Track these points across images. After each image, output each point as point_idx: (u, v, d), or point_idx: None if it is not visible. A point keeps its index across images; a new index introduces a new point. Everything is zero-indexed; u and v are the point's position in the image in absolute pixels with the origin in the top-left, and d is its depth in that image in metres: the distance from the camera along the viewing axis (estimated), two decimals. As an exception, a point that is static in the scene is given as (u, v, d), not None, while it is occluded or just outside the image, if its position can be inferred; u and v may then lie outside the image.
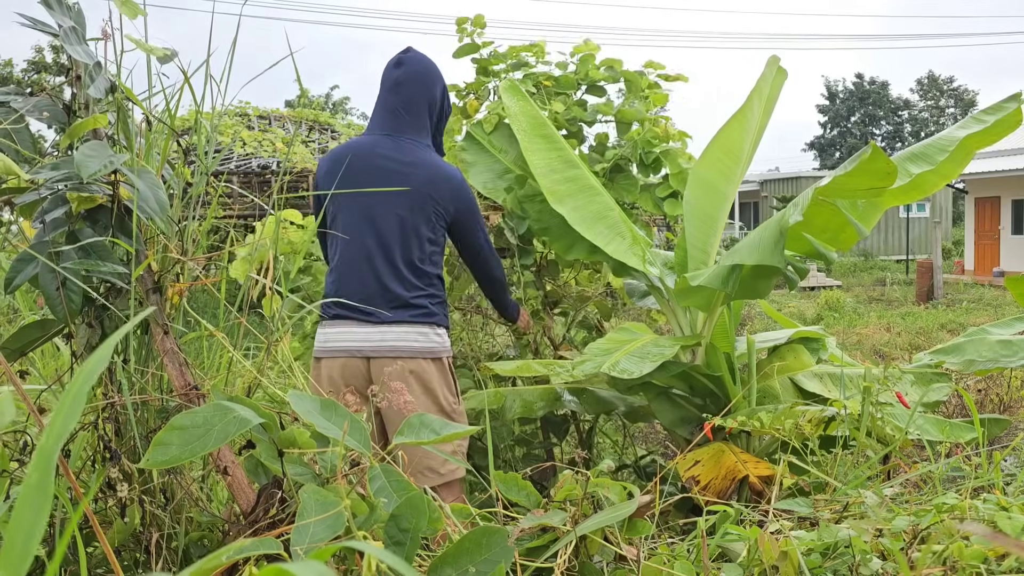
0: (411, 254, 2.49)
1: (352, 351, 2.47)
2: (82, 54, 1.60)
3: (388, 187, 2.46)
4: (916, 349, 8.41)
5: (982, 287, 17.28)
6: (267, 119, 12.96)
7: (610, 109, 3.52)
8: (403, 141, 2.56)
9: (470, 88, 3.62)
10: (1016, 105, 2.67)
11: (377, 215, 2.49)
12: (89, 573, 1.58)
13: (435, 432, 1.25)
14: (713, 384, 2.81)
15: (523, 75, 3.56)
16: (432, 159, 2.58)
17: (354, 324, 2.47)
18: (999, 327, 2.97)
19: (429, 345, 2.49)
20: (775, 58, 2.93)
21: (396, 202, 2.48)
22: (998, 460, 1.93)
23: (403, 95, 2.58)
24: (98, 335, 1.62)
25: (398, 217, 2.49)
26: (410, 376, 2.43)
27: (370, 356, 2.45)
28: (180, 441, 1.13)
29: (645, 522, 1.40)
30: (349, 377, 2.46)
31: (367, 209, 2.50)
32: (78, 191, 1.52)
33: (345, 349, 2.47)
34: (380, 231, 2.48)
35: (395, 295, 2.46)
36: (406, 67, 2.60)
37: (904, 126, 51.58)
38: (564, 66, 3.65)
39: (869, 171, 2.25)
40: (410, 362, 2.45)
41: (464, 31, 3.54)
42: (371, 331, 2.45)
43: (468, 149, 3.35)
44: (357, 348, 2.46)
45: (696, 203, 2.94)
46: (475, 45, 3.57)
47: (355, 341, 2.46)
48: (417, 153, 2.55)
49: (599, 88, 3.63)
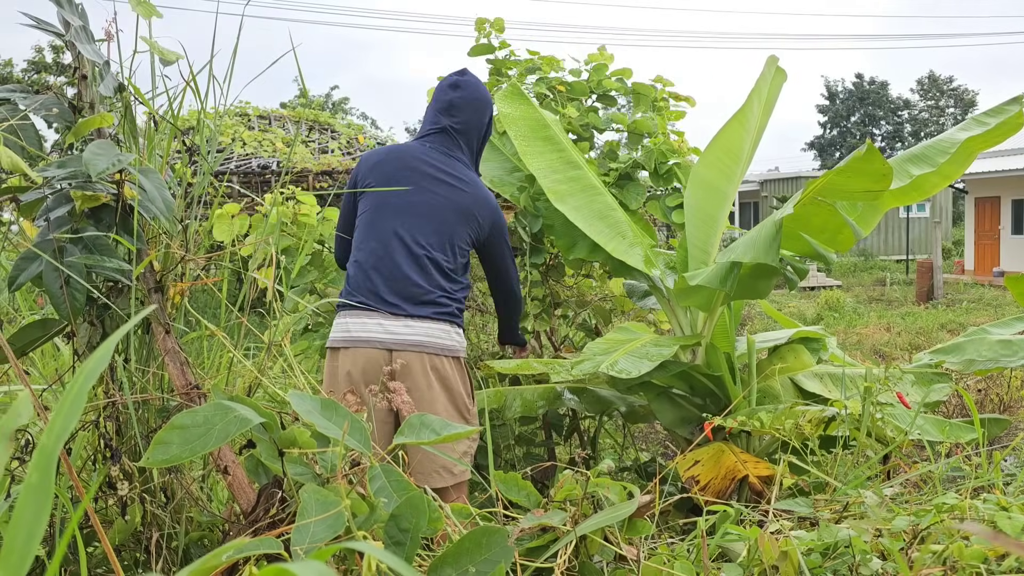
0: (442, 260, 2.51)
1: (374, 342, 2.43)
2: (92, 53, 1.60)
3: (436, 193, 2.52)
4: (916, 349, 8.41)
5: (982, 287, 17.28)
6: (267, 119, 12.95)
7: (625, 120, 3.61)
8: (452, 158, 2.62)
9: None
10: (1018, 108, 2.68)
11: (418, 215, 2.50)
12: (89, 572, 1.58)
13: (435, 432, 1.25)
14: (713, 384, 2.81)
15: (537, 78, 3.66)
16: (477, 181, 2.66)
17: (378, 315, 2.44)
18: (999, 327, 2.98)
19: (451, 343, 2.49)
20: (774, 58, 2.93)
21: (441, 209, 2.52)
22: (998, 460, 1.93)
23: (457, 119, 2.64)
24: (100, 334, 1.62)
25: (440, 223, 2.52)
26: (432, 372, 2.43)
27: (392, 348, 2.43)
28: (181, 440, 1.13)
29: (645, 522, 1.40)
30: (369, 370, 2.42)
31: (410, 207, 2.51)
32: (82, 189, 1.52)
33: (367, 340, 2.43)
34: (418, 230, 2.49)
35: (423, 290, 2.46)
36: (463, 92, 2.65)
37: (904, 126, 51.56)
38: (578, 73, 3.74)
39: (864, 171, 2.25)
40: (433, 358, 2.44)
41: (483, 30, 3.65)
42: (395, 323, 2.43)
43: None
44: (379, 340, 2.43)
45: (696, 203, 2.94)
46: (491, 46, 3.69)
47: (378, 333, 2.43)
48: (465, 172, 2.62)
49: (610, 98, 3.73)
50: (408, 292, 2.45)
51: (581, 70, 3.74)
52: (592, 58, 3.73)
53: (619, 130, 3.70)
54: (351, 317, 2.48)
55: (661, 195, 3.53)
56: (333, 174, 9.03)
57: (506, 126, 3.11)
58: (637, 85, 3.70)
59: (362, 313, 2.46)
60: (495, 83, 3.67)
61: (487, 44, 3.68)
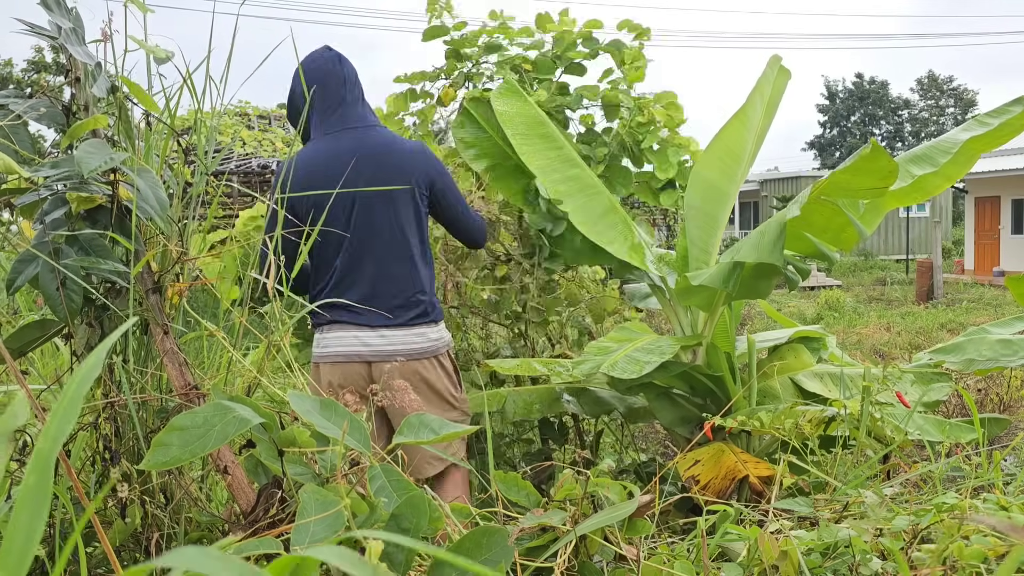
0: (405, 250, 2.47)
1: (352, 356, 2.45)
2: (83, 55, 1.60)
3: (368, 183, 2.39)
4: (916, 349, 8.40)
5: (982, 287, 17.28)
6: (267, 119, 12.95)
7: (595, 94, 3.37)
8: (360, 130, 2.49)
9: (441, 72, 3.44)
10: (1021, 109, 2.67)
11: (363, 213, 2.44)
12: (89, 573, 1.58)
13: (434, 432, 1.25)
14: (713, 384, 2.81)
15: (498, 59, 3.36)
16: (392, 136, 2.53)
17: (353, 328, 2.45)
18: (999, 326, 2.97)
19: (429, 345, 2.49)
20: (776, 57, 2.92)
21: (380, 195, 2.42)
22: (998, 460, 1.93)
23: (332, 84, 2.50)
24: (98, 335, 1.62)
25: (387, 211, 2.44)
26: (413, 377, 2.43)
27: (371, 360, 2.45)
28: (180, 441, 1.13)
29: (645, 522, 1.40)
30: (350, 382, 2.45)
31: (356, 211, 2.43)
32: (77, 191, 1.52)
33: (345, 354, 2.45)
34: (371, 230, 2.45)
35: (392, 295, 2.45)
36: (310, 73, 2.49)
37: (904, 126, 51.55)
38: (540, 45, 3.42)
39: (870, 170, 2.25)
40: (412, 363, 2.45)
41: (435, 11, 3.34)
42: (371, 335, 2.44)
43: (465, 126, 3.22)
44: (357, 353, 2.45)
45: (697, 203, 2.94)
46: (444, 28, 3.35)
47: (355, 346, 2.45)
48: (378, 137, 2.49)
49: (579, 66, 3.42)
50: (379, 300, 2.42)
51: (542, 41, 3.42)
52: (549, 27, 3.40)
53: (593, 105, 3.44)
54: (328, 332, 2.48)
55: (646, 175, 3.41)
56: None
57: (503, 124, 3.06)
58: (605, 47, 3.38)
59: (337, 327, 2.46)
60: (453, 68, 3.39)
61: (440, 26, 3.33)
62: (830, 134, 52.73)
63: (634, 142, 3.32)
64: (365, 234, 2.45)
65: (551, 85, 3.41)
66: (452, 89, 3.41)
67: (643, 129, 3.31)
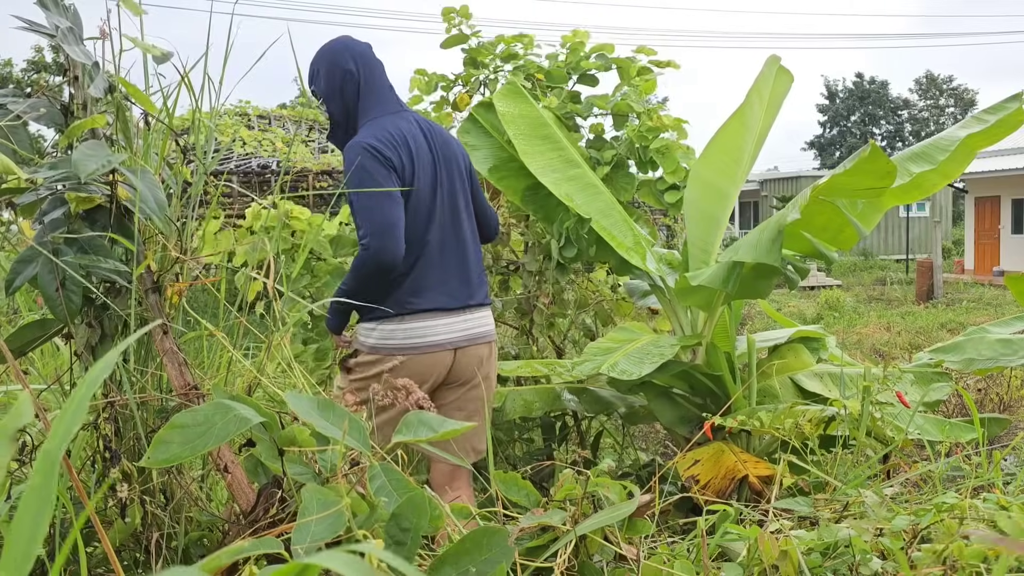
0: (473, 227, 2.50)
1: (443, 344, 2.36)
2: (79, 54, 1.59)
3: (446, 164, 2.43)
4: (916, 348, 8.40)
5: (982, 286, 17.27)
6: (267, 119, 12.95)
7: (605, 103, 3.47)
8: (414, 114, 2.50)
9: (460, 79, 3.56)
10: (1017, 105, 2.68)
11: (448, 189, 2.43)
12: (89, 573, 1.58)
13: (433, 430, 1.25)
14: (713, 383, 2.81)
15: (513, 67, 3.49)
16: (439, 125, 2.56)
17: (443, 315, 2.37)
18: (999, 326, 2.98)
19: (493, 326, 2.52)
20: (775, 57, 2.92)
21: (456, 179, 2.46)
22: (998, 459, 1.93)
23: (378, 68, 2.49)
24: (98, 335, 1.62)
25: (462, 188, 2.47)
26: (490, 359, 2.46)
27: (458, 347, 2.38)
28: (181, 439, 1.13)
29: (645, 522, 1.40)
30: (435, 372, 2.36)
31: (442, 186, 2.42)
32: (76, 191, 1.52)
33: (437, 344, 2.35)
34: (455, 205, 2.44)
35: (473, 276, 2.44)
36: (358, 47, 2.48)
37: (904, 126, 51.55)
38: (554, 57, 3.57)
39: (869, 171, 2.25)
40: (490, 346, 2.48)
41: (451, 20, 3.47)
42: (457, 320, 2.39)
43: (471, 132, 3.26)
44: (449, 341, 2.36)
45: (697, 203, 2.94)
46: (463, 36, 3.49)
47: (448, 333, 2.36)
48: (431, 121, 2.53)
49: (591, 77, 3.56)
50: (464, 284, 2.42)
51: (558, 53, 3.56)
52: (567, 39, 3.56)
53: (603, 113, 3.54)
54: (416, 321, 2.35)
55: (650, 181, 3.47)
56: (333, 174, 9.02)
57: (505, 125, 3.06)
58: (618, 60, 3.52)
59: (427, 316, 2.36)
60: (472, 74, 3.52)
61: (460, 34, 3.50)
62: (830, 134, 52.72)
63: (642, 146, 3.36)
64: (451, 209, 2.43)
65: (563, 93, 3.52)
66: (467, 95, 3.51)
67: (652, 133, 3.35)
